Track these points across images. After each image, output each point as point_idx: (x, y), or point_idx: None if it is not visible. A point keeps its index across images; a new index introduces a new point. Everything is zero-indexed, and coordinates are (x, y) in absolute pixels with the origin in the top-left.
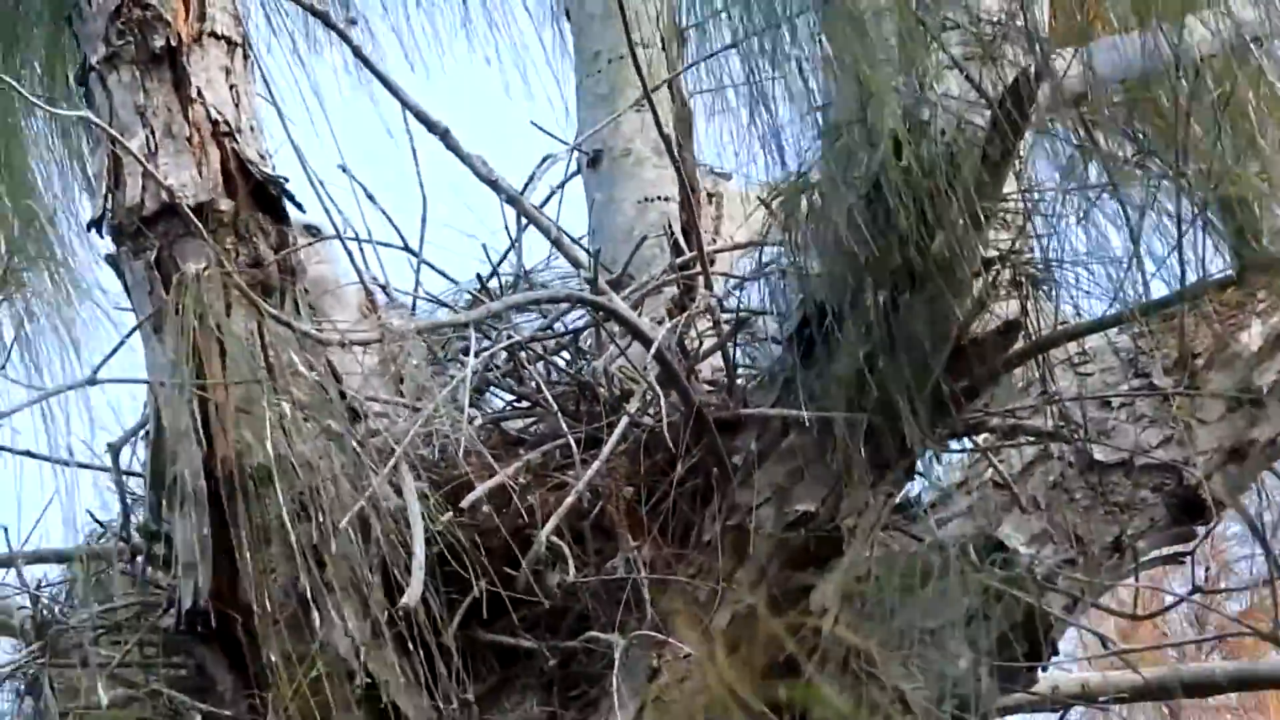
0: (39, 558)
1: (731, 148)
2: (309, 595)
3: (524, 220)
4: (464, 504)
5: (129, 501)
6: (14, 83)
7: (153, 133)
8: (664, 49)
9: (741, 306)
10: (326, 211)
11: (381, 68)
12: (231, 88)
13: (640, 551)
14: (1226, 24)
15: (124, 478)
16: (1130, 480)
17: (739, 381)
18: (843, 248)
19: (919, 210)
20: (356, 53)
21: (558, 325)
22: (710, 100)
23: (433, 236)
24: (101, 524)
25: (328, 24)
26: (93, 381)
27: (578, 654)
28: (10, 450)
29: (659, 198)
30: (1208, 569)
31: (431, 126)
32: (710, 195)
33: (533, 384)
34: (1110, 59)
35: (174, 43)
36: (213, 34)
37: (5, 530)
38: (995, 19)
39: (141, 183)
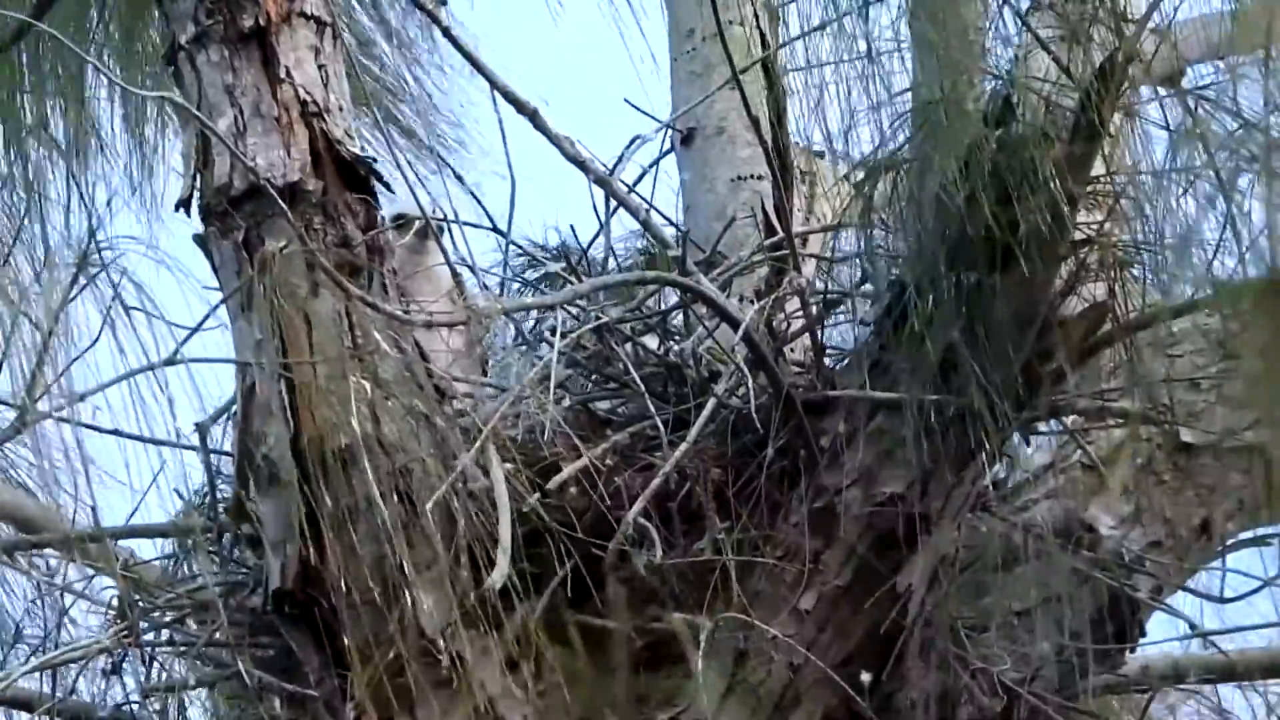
0: (127, 535)
1: (825, 126)
2: (395, 575)
3: (612, 201)
4: (551, 485)
5: (216, 480)
6: (97, 63)
7: (241, 112)
8: (758, 27)
9: (830, 288)
10: (413, 192)
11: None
12: (320, 68)
13: (727, 533)
14: None
15: (211, 457)
16: (1219, 462)
17: (827, 363)
18: (931, 229)
19: (1007, 192)
20: (446, 33)
21: (648, 304)
22: (804, 78)
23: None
24: (189, 503)
25: (417, 4)
26: (173, 361)
27: (664, 635)
28: (98, 429)
29: (752, 176)
30: None
31: (520, 107)
32: (804, 174)
33: (620, 365)
34: (1197, 40)
35: (263, 22)
36: (302, 13)
37: (94, 509)
38: None
39: (230, 162)
